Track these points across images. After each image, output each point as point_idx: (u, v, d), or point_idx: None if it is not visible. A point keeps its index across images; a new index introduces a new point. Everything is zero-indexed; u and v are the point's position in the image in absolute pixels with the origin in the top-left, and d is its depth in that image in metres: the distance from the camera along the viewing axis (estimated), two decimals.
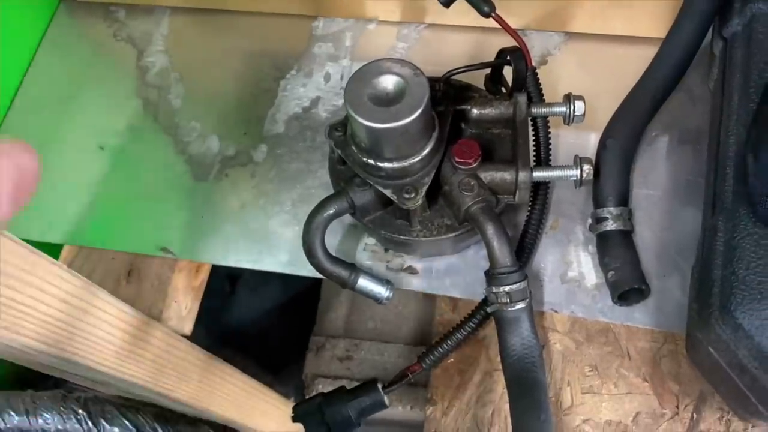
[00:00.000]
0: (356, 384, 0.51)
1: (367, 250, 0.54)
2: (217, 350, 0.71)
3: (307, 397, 0.86)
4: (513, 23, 0.50)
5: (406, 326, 0.82)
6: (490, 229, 0.45)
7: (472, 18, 0.50)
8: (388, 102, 0.43)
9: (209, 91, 0.63)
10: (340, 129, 0.49)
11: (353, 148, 0.47)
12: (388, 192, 0.46)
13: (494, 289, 0.45)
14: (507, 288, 0.44)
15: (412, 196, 0.46)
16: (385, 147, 0.44)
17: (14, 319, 0.39)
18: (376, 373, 0.78)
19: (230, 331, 1.05)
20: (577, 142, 0.56)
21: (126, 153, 0.62)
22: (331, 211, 0.48)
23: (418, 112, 0.42)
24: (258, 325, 1.09)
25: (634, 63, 0.57)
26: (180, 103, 0.63)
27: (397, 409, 0.71)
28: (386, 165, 0.45)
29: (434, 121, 0.46)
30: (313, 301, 0.95)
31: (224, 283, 1.07)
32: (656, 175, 0.54)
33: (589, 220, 0.51)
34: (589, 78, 0.59)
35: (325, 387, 0.78)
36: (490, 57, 0.54)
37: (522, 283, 0.45)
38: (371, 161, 0.46)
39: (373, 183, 0.47)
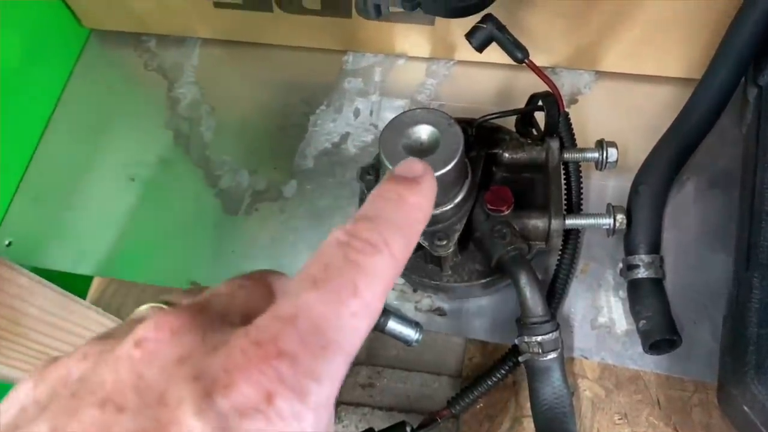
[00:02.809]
0: (378, 412, 0.51)
1: (395, 290, 0.55)
2: None
3: None
4: (543, 61, 0.50)
5: (429, 354, 0.82)
6: (523, 279, 0.45)
7: (502, 55, 0.51)
8: (422, 152, 0.43)
9: (240, 124, 0.64)
10: (371, 172, 0.49)
11: None
12: (419, 239, 0.46)
13: (526, 339, 0.45)
14: (539, 338, 0.45)
15: (444, 243, 0.46)
16: None
17: None
18: (398, 401, 0.78)
19: None
20: (604, 182, 0.56)
21: (157, 185, 0.62)
22: None
23: (453, 163, 0.42)
24: None
25: (665, 103, 0.57)
26: (211, 135, 0.63)
27: None
28: None
29: (467, 168, 0.47)
30: None
31: None
32: (686, 219, 0.54)
33: (620, 266, 0.51)
34: (619, 117, 0.59)
35: (347, 415, 0.78)
36: (520, 94, 0.54)
37: (554, 333, 0.45)
38: None
39: None
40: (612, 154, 0.48)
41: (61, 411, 0.18)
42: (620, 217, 0.47)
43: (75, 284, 0.58)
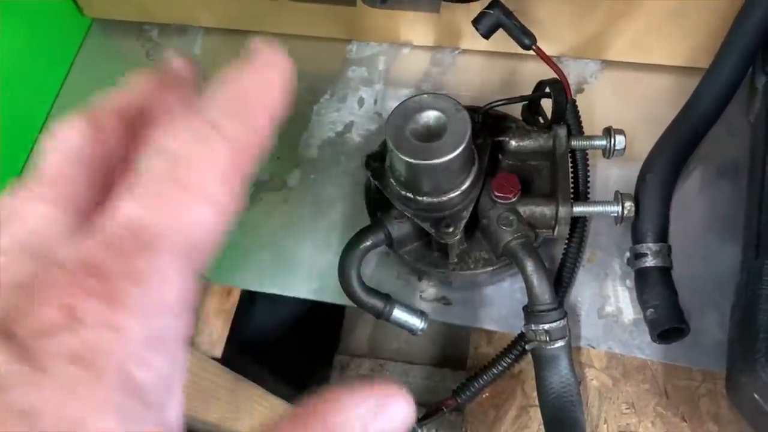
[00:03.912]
0: None
1: (400, 279, 0.54)
2: (239, 363, 0.70)
3: None
4: (548, 50, 0.50)
5: (432, 347, 0.82)
6: (530, 266, 0.45)
7: (508, 44, 0.50)
8: (429, 138, 0.43)
9: None
10: (377, 159, 0.49)
11: (391, 180, 0.46)
12: (426, 226, 0.46)
13: (533, 327, 0.45)
14: (546, 326, 0.44)
15: (451, 230, 0.45)
16: (424, 181, 0.44)
17: None
18: None
19: (251, 342, 1.04)
20: (608, 172, 0.55)
21: None
22: (368, 243, 0.48)
23: (461, 148, 0.42)
24: (280, 337, 1.09)
25: (672, 92, 0.56)
26: None
27: None
28: (425, 199, 0.45)
29: (474, 155, 0.46)
30: (335, 313, 0.94)
31: (244, 293, 1.06)
32: (694, 208, 0.53)
33: (627, 255, 0.51)
34: (625, 107, 0.59)
35: None
36: (526, 83, 0.54)
37: (561, 321, 0.44)
38: (410, 194, 0.45)
39: (411, 216, 0.46)
40: (620, 141, 0.48)
41: None
42: (629, 204, 0.46)
43: None
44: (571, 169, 0.51)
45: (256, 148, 0.20)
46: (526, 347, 0.46)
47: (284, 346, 1.04)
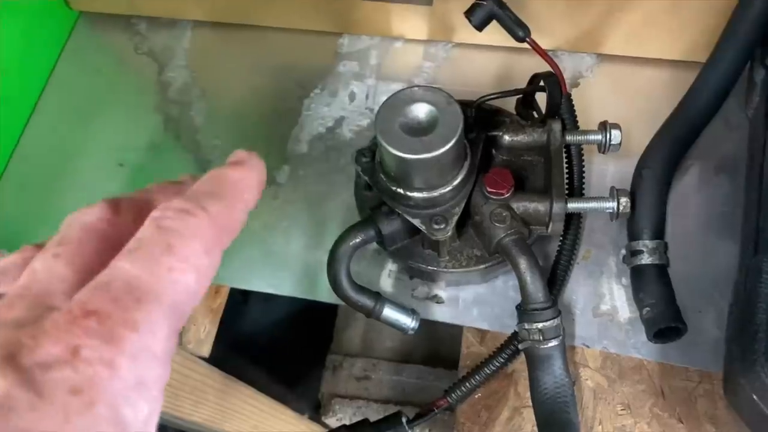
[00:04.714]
0: (374, 405, 0.50)
1: (391, 277, 0.53)
2: (231, 362, 0.69)
3: (322, 417, 0.85)
4: (543, 44, 0.49)
5: (425, 346, 0.81)
6: (523, 264, 0.44)
7: (502, 38, 0.49)
8: (420, 131, 0.42)
9: (232, 108, 0.62)
10: (368, 155, 0.47)
11: (381, 175, 0.45)
12: (416, 222, 0.45)
13: (526, 326, 0.43)
14: (540, 325, 0.43)
15: (442, 226, 0.44)
16: (415, 177, 0.43)
17: None
18: (393, 394, 0.76)
19: (243, 342, 1.03)
20: (605, 167, 0.54)
21: (146, 170, 0.60)
22: (358, 240, 0.47)
23: (452, 142, 0.41)
24: (272, 336, 1.08)
25: (669, 87, 0.55)
26: (202, 120, 0.62)
27: None
28: (416, 194, 0.44)
29: (466, 149, 0.45)
30: (328, 312, 0.93)
31: (236, 293, 1.05)
32: (690, 205, 0.52)
33: (623, 252, 0.50)
34: (621, 102, 0.57)
35: (342, 407, 0.77)
36: (520, 77, 0.52)
37: (555, 320, 0.43)
38: (400, 190, 0.44)
39: (402, 212, 0.45)
40: (615, 136, 0.47)
41: None
42: (624, 200, 0.45)
43: None
44: (565, 165, 0.50)
45: (234, 226, 0.24)
46: (519, 347, 0.45)
47: (276, 345, 1.03)
